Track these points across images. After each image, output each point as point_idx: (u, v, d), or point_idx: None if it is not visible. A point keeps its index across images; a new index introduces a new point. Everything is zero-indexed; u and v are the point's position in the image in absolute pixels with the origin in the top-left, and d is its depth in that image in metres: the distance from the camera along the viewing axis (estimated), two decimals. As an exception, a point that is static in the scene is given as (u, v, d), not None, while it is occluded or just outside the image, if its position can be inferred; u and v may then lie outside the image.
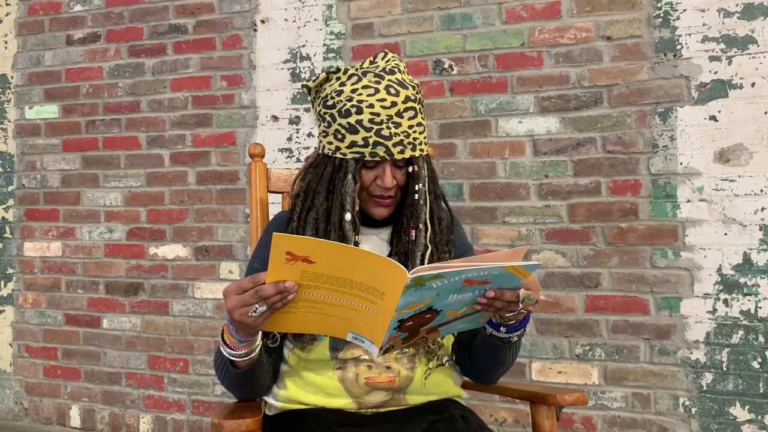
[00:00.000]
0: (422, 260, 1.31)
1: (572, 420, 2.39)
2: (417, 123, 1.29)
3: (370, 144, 1.25)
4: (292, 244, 0.97)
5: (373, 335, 1.06)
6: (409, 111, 1.27)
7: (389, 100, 1.25)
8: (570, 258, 2.42)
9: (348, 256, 0.98)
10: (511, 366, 1.39)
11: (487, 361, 1.34)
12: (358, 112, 1.25)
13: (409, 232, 1.32)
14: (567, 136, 2.44)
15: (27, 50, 3.28)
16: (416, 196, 1.31)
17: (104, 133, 3.12)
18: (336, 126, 1.27)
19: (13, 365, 3.24)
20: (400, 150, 1.26)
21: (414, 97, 1.29)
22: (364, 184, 1.29)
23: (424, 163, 1.32)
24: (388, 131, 1.25)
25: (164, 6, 3.03)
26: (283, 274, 1.00)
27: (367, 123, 1.25)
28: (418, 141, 1.29)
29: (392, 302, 0.99)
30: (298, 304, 1.04)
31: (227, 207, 2.90)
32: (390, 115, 1.25)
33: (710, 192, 2.27)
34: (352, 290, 1.00)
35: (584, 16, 2.43)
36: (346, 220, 1.27)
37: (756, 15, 2.24)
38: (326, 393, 1.28)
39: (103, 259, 3.10)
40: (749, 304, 2.22)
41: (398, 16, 2.67)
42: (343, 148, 1.27)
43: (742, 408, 2.21)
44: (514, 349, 1.31)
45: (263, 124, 2.85)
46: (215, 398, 2.87)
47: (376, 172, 1.28)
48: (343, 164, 1.28)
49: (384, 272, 0.98)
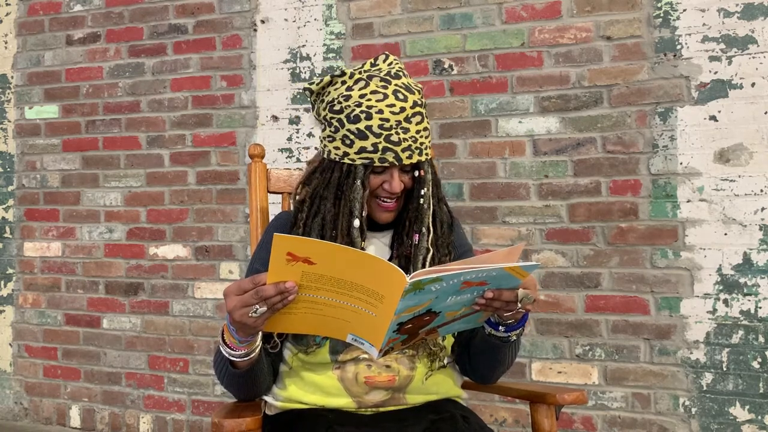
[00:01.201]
0: (423, 263, 1.31)
1: (572, 420, 2.39)
2: (423, 128, 1.29)
3: (379, 150, 1.25)
4: (293, 245, 0.97)
5: (373, 337, 1.06)
6: (417, 116, 1.28)
7: (398, 105, 1.26)
8: (570, 258, 2.42)
9: (349, 259, 0.98)
10: (511, 365, 1.38)
11: (487, 361, 1.34)
12: (368, 118, 1.25)
13: (412, 236, 1.32)
14: (567, 136, 2.44)
15: (27, 50, 3.28)
16: (421, 200, 1.31)
17: (104, 133, 3.12)
18: (344, 132, 1.27)
19: (13, 365, 3.24)
20: (408, 155, 1.26)
21: (420, 102, 1.30)
22: (371, 189, 1.29)
23: (429, 167, 1.32)
24: (397, 137, 1.25)
25: (164, 6, 3.03)
26: (284, 275, 1.00)
27: (376, 129, 1.25)
28: (424, 146, 1.29)
29: (392, 306, 0.99)
30: (298, 305, 1.04)
31: (227, 207, 2.90)
32: (399, 120, 1.26)
33: (710, 192, 2.27)
34: (352, 292, 1.01)
35: (584, 16, 2.43)
36: (354, 227, 1.28)
37: (756, 15, 2.24)
38: (326, 392, 1.28)
39: (103, 259, 3.10)
40: (749, 304, 2.22)
41: (398, 16, 2.67)
42: (351, 154, 1.27)
43: (742, 408, 2.21)
44: (513, 348, 1.31)
45: (263, 124, 2.85)
46: (215, 398, 2.87)
47: (383, 177, 1.29)
48: (351, 170, 1.28)
49: (384, 276, 0.98)
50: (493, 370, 1.38)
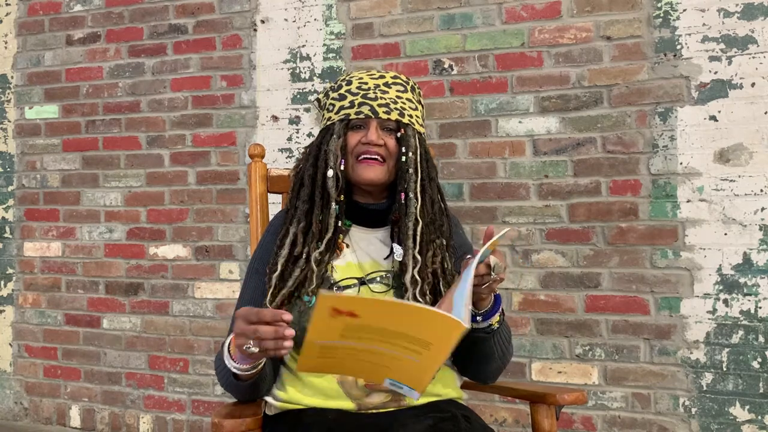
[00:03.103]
0: (414, 237, 1.31)
1: (572, 420, 2.39)
2: (407, 98, 1.35)
3: (356, 105, 1.31)
4: (338, 302, 0.96)
5: (414, 382, 1.06)
6: (398, 85, 1.35)
7: (378, 74, 1.36)
8: (570, 258, 2.42)
9: (395, 312, 0.98)
10: (506, 361, 1.37)
11: (476, 356, 1.34)
12: (348, 84, 1.35)
13: (399, 196, 1.33)
14: (567, 136, 2.44)
15: (27, 50, 3.28)
16: (404, 159, 1.32)
17: (104, 133, 3.12)
18: (330, 102, 1.36)
19: (13, 365, 3.24)
20: (385, 111, 1.31)
21: (405, 80, 1.37)
22: (351, 147, 1.32)
23: (414, 134, 1.34)
24: (374, 94, 1.32)
25: (164, 6, 3.03)
26: (327, 329, 0.99)
27: (354, 89, 1.33)
28: (406, 111, 1.33)
29: (442, 351, 1.00)
30: (337, 350, 1.03)
31: (227, 207, 2.90)
32: (377, 84, 1.34)
33: (710, 192, 2.27)
34: (395, 340, 1.00)
35: (584, 16, 2.43)
36: (328, 176, 1.31)
37: (756, 15, 2.24)
38: (325, 395, 1.28)
39: (103, 259, 3.10)
40: (749, 304, 2.22)
41: (398, 16, 2.67)
42: (332, 116, 1.34)
43: (742, 408, 2.21)
44: (499, 339, 1.30)
45: (263, 124, 2.85)
46: (215, 398, 2.87)
47: (362, 132, 1.33)
48: (330, 128, 1.34)
49: (435, 324, 0.98)
50: (485, 366, 1.37)
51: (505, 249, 2.49)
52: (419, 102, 1.38)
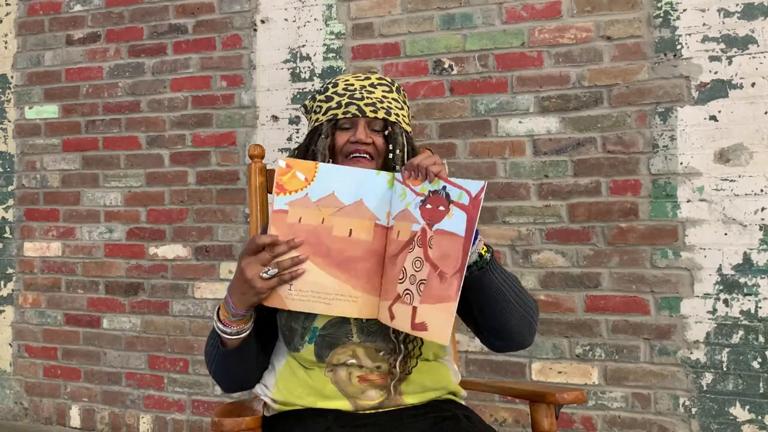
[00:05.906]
0: None
1: (572, 420, 2.39)
2: (393, 98, 1.37)
3: (343, 105, 1.34)
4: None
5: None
6: (383, 86, 1.38)
7: (363, 76, 1.39)
8: (570, 258, 2.42)
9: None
10: (530, 310, 1.26)
11: (491, 309, 1.25)
12: (334, 86, 1.37)
13: None
14: (567, 136, 2.44)
15: (27, 50, 3.28)
16: (392, 156, 1.35)
17: (104, 133, 3.12)
18: (317, 104, 1.39)
19: (13, 365, 3.24)
20: (372, 110, 1.33)
21: (390, 82, 1.40)
22: (340, 146, 1.34)
23: (401, 132, 1.36)
24: (360, 94, 1.34)
25: (164, 6, 3.03)
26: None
27: (341, 90, 1.36)
28: (393, 110, 1.36)
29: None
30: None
31: (227, 207, 2.90)
32: (363, 85, 1.37)
33: (710, 192, 2.27)
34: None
35: (584, 16, 2.43)
36: None
37: (756, 15, 2.24)
38: (322, 395, 1.28)
39: (103, 259, 3.10)
40: (749, 304, 2.22)
41: (398, 16, 2.67)
42: (320, 117, 1.37)
43: (742, 408, 2.21)
44: (502, 277, 1.23)
45: (263, 124, 2.85)
46: (215, 398, 2.87)
47: (350, 132, 1.35)
48: (318, 129, 1.36)
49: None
50: (507, 316, 1.26)
51: (506, 249, 2.49)
52: (404, 102, 1.42)
